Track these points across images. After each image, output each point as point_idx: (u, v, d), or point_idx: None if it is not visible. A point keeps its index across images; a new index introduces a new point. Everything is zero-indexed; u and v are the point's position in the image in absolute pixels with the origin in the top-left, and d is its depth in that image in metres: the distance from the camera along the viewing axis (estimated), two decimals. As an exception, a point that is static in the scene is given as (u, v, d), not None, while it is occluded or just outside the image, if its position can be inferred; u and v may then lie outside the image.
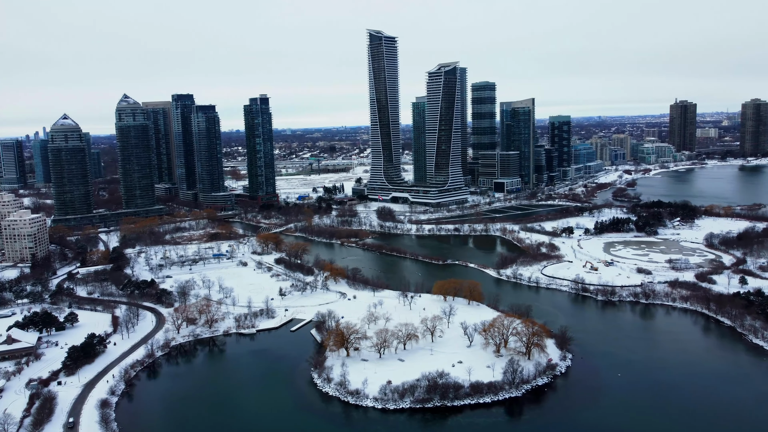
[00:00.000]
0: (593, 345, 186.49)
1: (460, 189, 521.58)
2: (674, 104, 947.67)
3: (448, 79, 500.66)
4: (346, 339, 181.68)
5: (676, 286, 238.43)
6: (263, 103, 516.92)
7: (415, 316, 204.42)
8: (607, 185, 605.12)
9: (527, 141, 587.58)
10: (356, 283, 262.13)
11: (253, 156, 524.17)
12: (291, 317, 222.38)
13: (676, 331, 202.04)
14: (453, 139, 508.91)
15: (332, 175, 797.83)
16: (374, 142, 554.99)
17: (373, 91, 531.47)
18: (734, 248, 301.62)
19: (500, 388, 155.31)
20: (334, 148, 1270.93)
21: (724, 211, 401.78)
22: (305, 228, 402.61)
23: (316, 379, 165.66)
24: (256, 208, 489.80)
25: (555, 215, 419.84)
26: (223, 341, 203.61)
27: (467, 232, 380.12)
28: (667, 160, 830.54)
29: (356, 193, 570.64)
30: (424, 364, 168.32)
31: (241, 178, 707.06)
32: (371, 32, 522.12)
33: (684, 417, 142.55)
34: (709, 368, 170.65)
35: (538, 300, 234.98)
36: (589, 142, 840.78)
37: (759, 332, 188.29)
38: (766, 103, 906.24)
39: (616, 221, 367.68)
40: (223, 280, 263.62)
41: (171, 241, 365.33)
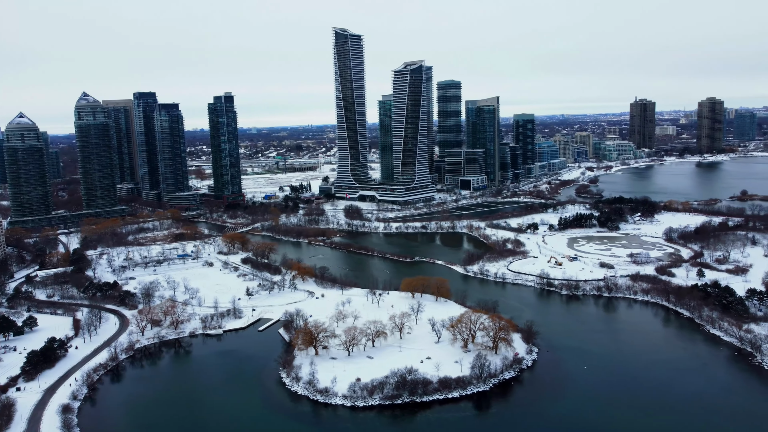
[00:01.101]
0: (558, 338, 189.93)
1: (427, 187, 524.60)
2: (634, 103, 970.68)
3: (414, 78, 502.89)
4: (314, 338, 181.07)
5: (638, 279, 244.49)
6: (228, 101, 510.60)
7: (384, 314, 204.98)
8: (571, 182, 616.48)
9: (492, 139, 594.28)
10: (324, 281, 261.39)
11: (218, 155, 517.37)
12: (258, 317, 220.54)
13: (637, 324, 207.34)
14: (419, 137, 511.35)
15: (299, 174, 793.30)
16: (341, 141, 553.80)
17: (339, 90, 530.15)
18: (692, 242, 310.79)
19: (468, 382, 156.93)
20: (301, 146, 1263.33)
21: (683, 206, 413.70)
22: (272, 227, 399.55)
23: (285, 379, 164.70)
24: (221, 207, 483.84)
25: (520, 212, 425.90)
26: (189, 343, 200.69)
27: (434, 229, 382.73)
28: (628, 157, 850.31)
29: (323, 191, 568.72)
30: (392, 360, 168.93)
31: (206, 177, 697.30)
32: (337, 30, 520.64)
33: (647, 406, 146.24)
34: (670, 358, 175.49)
35: (504, 295, 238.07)
36: (553, 140, 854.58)
37: (716, 323, 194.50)
38: (721, 101, 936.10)
39: (579, 217, 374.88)
40: (189, 281, 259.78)
41: (134, 242, 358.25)
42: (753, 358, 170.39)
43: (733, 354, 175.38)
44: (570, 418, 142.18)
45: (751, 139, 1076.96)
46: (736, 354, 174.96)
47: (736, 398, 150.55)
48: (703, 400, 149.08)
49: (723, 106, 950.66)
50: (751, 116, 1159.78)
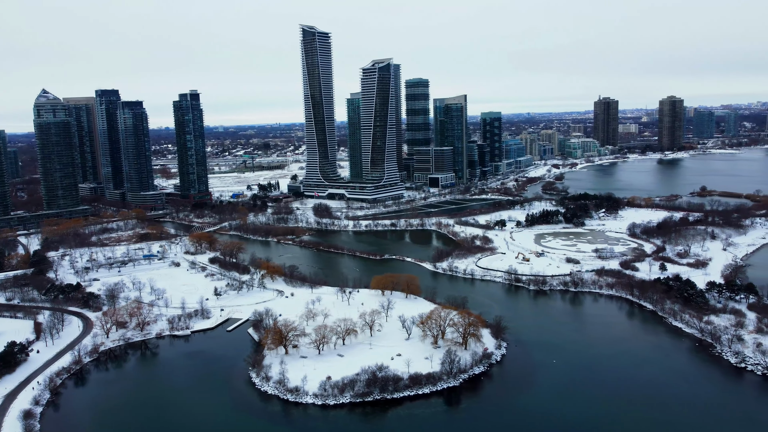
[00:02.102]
0: (527, 333, 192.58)
1: (396, 185, 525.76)
2: (598, 101, 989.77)
3: (382, 76, 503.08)
4: (284, 337, 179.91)
5: (603, 274, 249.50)
6: (194, 98, 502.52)
7: (354, 312, 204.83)
8: (537, 179, 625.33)
9: (460, 137, 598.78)
10: (294, 280, 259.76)
11: (183, 153, 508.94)
12: (227, 317, 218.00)
13: (603, 317, 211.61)
14: (388, 135, 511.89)
15: (267, 173, 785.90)
16: (309, 139, 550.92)
17: (307, 88, 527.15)
18: (654, 237, 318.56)
19: (438, 378, 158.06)
20: (269, 145, 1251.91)
21: (645, 202, 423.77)
22: (240, 226, 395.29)
23: (255, 379, 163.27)
24: (188, 207, 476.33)
25: (488, 209, 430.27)
26: (156, 344, 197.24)
27: (404, 227, 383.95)
28: (592, 155, 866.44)
29: (292, 190, 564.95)
30: (363, 358, 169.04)
31: (172, 176, 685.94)
32: (304, 28, 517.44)
33: (612, 397, 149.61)
34: (634, 350, 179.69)
35: (473, 291, 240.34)
36: (519, 137, 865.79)
37: (678, 315, 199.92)
38: (681, 100, 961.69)
39: (545, 214, 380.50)
40: (155, 282, 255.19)
41: (98, 243, 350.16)
42: (713, 348, 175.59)
43: (694, 345, 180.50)
44: (538, 411, 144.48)
45: (709, 136, 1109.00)
46: (697, 345, 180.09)
47: (697, 388, 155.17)
48: (666, 390, 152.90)
49: (683, 104, 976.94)
50: (709, 114, 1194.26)
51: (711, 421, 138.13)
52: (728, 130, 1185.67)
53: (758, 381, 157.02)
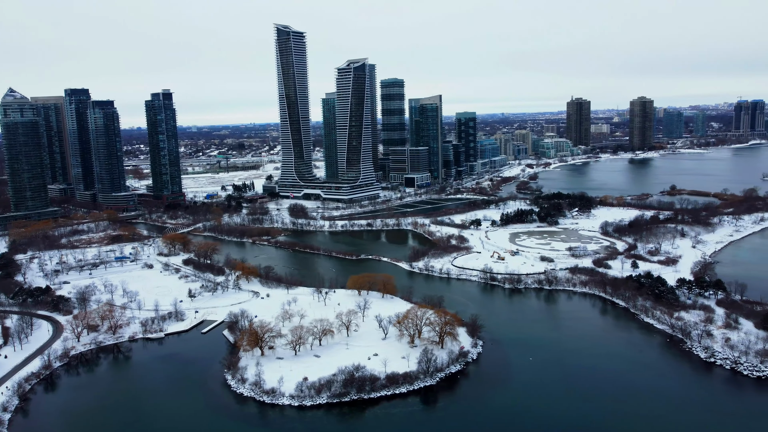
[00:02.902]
0: (502, 331, 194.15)
1: (372, 185, 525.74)
2: (570, 102, 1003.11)
3: (357, 76, 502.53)
4: (260, 338, 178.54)
5: (576, 272, 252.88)
6: (166, 98, 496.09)
7: (330, 312, 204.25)
8: (511, 179, 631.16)
9: (435, 137, 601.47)
10: (269, 281, 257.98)
11: (156, 154, 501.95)
12: (202, 319, 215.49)
13: (577, 314, 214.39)
14: (364, 135, 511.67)
15: (242, 173, 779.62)
16: (284, 139, 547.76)
17: (282, 87, 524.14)
18: (626, 235, 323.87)
19: (415, 377, 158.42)
20: (243, 145, 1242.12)
21: (617, 201, 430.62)
22: (214, 227, 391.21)
23: (230, 381, 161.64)
24: (161, 208, 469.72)
25: (463, 208, 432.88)
26: (129, 347, 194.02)
27: (380, 226, 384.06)
28: (566, 155, 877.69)
29: (267, 190, 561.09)
30: (340, 358, 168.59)
31: (145, 177, 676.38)
32: (279, 27, 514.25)
33: (586, 393, 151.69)
34: (608, 347, 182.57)
35: (449, 290, 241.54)
36: (494, 137, 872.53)
37: (649, 311, 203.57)
38: (651, 101, 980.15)
39: (520, 213, 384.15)
40: (127, 284, 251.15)
41: (68, 245, 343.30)
42: (683, 344, 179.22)
43: (665, 341, 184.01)
44: (514, 408, 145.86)
45: (678, 136, 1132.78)
46: (668, 341, 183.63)
47: (668, 382, 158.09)
48: (638, 385, 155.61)
49: (653, 105, 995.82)
50: (678, 115, 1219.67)
51: (681, 414, 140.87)
52: (697, 131, 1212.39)
53: (727, 375, 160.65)
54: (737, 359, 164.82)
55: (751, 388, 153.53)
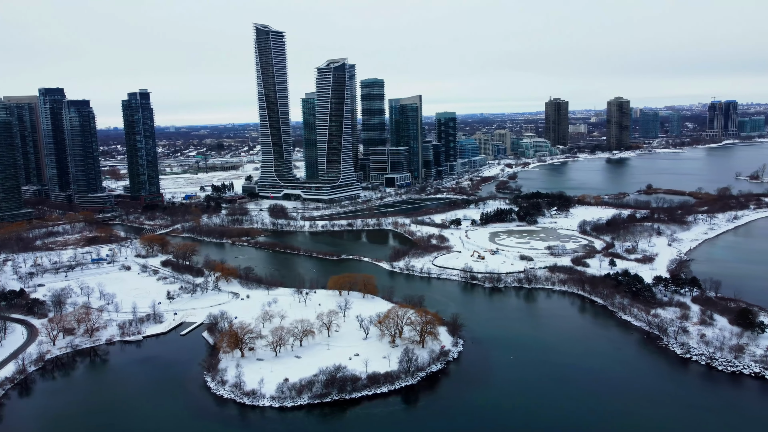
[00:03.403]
0: (483, 330, 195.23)
1: (352, 185, 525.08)
2: (549, 102, 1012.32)
3: (337, 75, 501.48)
4: (240, 339, 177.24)
5: (555, 270, 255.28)
6: (143, 98, 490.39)
7: (311, 312, 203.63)
8: (491, 178, 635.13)
9: (415, 137, 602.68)
10: (249, 282, 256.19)
11: (133, 154, 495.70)
12: (181, 321, 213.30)
13: (556, 313, 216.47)
14: (344, 135, 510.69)
15: (221, 173, 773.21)
16: (264, 139, 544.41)
17: (261, 87, 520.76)
18: (604, 233, 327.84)
19: (396, 377, 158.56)
20: (222, 145, 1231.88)
21: (595, 200, 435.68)
22: (193, 228, 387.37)
23: (210, 383, 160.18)
24: (138, 209, 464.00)
25: (444, 208, 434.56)
26: (106, 351, 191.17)
27: (360, 227, 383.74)
28: (544, 154, 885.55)
29: (247, 191, 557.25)
30: (321, 359, 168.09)
31: (122, 177, 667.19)
32: (258, 26, 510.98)
33: (567, 390, 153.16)
34: (586, 344, 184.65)
35: (430, 290, 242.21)
36: (474, 137, 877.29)
37: (627, 309, 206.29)
38: (628, 101, 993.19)
39: (499, 212, 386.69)
40: (104, 286, 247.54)
41: (43, 247, 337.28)
42: (660, 340, 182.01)
43: (642, 338, 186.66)
44: (495, 406, 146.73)
45: (654, 136, 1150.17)
46: (645, 338, 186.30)
47: (646, 378, 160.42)
48: (616, 381, 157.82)
49: (629, 105, 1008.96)
50: (654, 115, 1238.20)
51: (658, 409, 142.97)
52: (672, 130, 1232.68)
53: (702, 370, 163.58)
54: (712, 355, 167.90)
55: (725, 383, 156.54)
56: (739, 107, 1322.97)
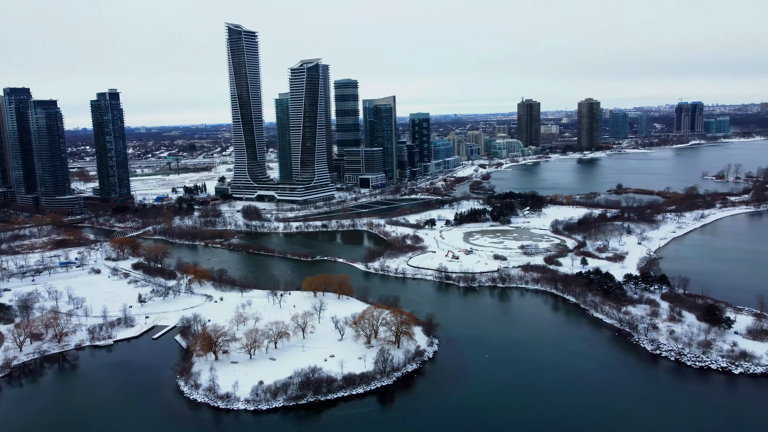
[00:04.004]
0: (458, 329, 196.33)
1: (327, 186, 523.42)
2: (521, 103, 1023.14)
3: (311, 76, 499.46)
4: (213, 342, 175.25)
5: (528, 269, 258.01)
6: (113, 98, 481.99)
7: (286, 314, 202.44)
8: (465, 179, 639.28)
9: (390, 138, 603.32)
10: (223, 284, 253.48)
11: (103, 155, 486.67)
12: (153, 324, 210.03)
13: (530, 311, 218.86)
14: (318, 136, 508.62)
15: (193, 175, 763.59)
16: (237, 140, 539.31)
17: (234, 87, 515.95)
18: (576, 233, 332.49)
19: (372, 377, 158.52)
20: (194, 146, 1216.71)
21: (566, 200, 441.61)
22: (165, 230, 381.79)
23: (183, 387, 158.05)
24: (108, 211, 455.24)
25: (418, 208, 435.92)
26: (76, 356, 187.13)
27: (335, 227, 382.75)
28: (517, 155, 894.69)
29: (219, 192, 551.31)
30: (296, 361, 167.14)
31: (91, 179, 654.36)
32: (230, 26, 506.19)
33: (540, 387, 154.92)
34: (560, 342, 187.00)
35: (405, 290, 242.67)
36: (447, 138, 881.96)
37: (598, 307, 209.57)
38: (598, 102, 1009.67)
39: (473, 212, 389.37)
40: (73, 290, 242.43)
41: (8, 251, 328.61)
42: (631, 337, 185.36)
43: (613, 335, 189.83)
44: (471, 405, 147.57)
45: (624, 137, 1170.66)
46: (616, 335, 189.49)
47: (617, 375, 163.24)
48: (589, 378, 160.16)
49: (600, 106, 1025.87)
50: (623, 116, 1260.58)
51: (630, 405, 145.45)
52: (641, 131, 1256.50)
53: (671, 366, 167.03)
54: (681, 351, 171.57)
55: (694, 378, 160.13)
56: (705, 108, 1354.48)
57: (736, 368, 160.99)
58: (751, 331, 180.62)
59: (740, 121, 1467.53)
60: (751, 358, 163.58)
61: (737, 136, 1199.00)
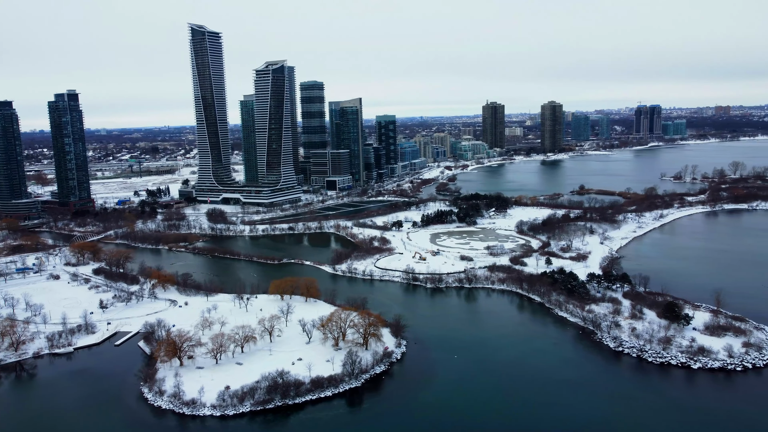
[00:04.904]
0: (425, 330, 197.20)
1: (293, 188, 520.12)
2: (486, 105, 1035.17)
3: (276, 78, 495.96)
4: (178, 348, 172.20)
5: (494, 269, 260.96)
6: (72, 99, 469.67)
7: (253, 318, 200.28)
8: (431, 180, 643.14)
9: (356, 140, 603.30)
10: (187, 288, 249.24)
11: (62, 158, 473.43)
12: (115, 331, 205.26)
13: (496, 311, 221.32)
14: (284, 138, 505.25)
15: (156, 177, 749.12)
16: (201, 142, 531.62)
17: (197, 89, 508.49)
18: (540, 233, 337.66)
19: (340, 380, 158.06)
20: (157, 148, 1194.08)
21: (531, 200, 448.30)
22: (127, 234, 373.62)
23: (147, 394, 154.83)
24: (68, 215, 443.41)
25: (385, 210, 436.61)
26: (34, 364, 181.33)
27: (302, 230, 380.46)
28: (482, 157, 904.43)
29: (184, 195, 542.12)
30: (263, 365, 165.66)
31: (49, 182, 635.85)
32: (193, 26, 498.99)
33: (507, 385, 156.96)
34: (526, 340, 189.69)
35: (372, 292, 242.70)
36: (414, 140, 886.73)
37: (563, 305, 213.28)
38: (560, 105, 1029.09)
39: (440, 214, 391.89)
40: (31, 297, 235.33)
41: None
42: (594, 335, 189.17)
43: (578, 333, 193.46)
44: (438, 405, 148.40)
45: (585, 139, 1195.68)
46: (580, 333, 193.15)
47: (582, 372, 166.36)
48: (555, 376, 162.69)
49: (562, 109, 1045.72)
50: (585, 119, 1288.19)
51: (593, 401, 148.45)
52: (602, 133, 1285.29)
53: (633, 362, 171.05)
54: (642, 347, 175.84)
55: (655, 374, 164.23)
56: (663, 112, 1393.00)
57: (695, 363, 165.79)
58: (708, 327, 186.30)
59: (696, 124, 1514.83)
60: (708, 353, 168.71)
61: (693, 138, 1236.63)
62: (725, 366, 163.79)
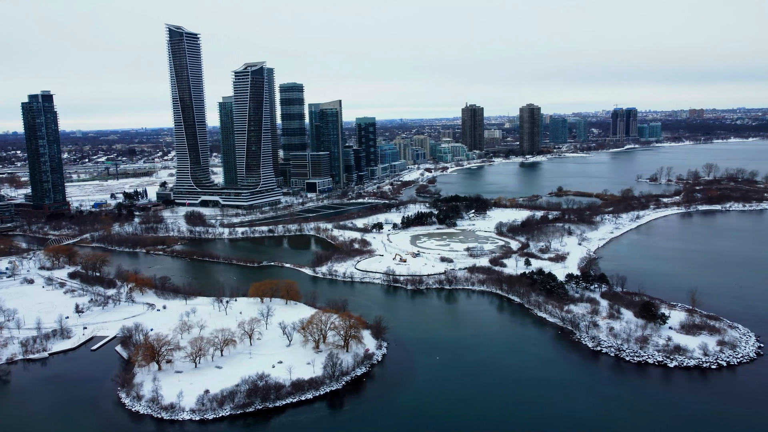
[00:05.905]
0: (406, 331, 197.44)
1: (273, 190, 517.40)
2: (465, 108, 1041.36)
3: (255, 79, 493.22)
4: (156, 352, 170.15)
5: (474, 271, 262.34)
6: (46, 100, 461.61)
7: (232, 321, 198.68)
8: (411, 183, 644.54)
9: (336, 142, 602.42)
10: (166, 292, 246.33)
11: (36, 160, 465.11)
12: (91, 335, 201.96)
13: (476, 312, 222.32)
14: (263, 140, 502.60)
15: (133, 180, 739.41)
16: (179, 144, 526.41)
17: (175, 90, 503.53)
18: (519, 234, 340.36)
19: (321, 382, 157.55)
20: (134, 150, 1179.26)
21: (510, 202, 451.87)
22: (104, 237, 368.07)
23: (125, 399, 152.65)
24: (42, 218, 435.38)
25: (365, 212, 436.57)
26: (7, 370, 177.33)
27: (282, 232, 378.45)
28: (462, 159, 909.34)
29: (161, 198, 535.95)
30: (243, 368, 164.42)
31: (23, 185, 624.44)
32: (171, 27, 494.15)
33: (487, 385, 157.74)
34: (505, 341, 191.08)
35: (353, 294, 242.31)
36: (394, 142, 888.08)
37: (542, 306, 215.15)
38: (539, 108, 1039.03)
39: (420, 215, 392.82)
40: (4, 302, 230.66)
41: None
42: (573, 335, 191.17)
43: (557, 333, 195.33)
44: (419, 406, 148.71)
45: (563, 141, 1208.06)
46: (559, 333, 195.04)
47: (561, 372, 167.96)
48: (534, 376, 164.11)
49: (540, 112, 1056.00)
50: (563, 121, 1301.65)
51: (572, 400, 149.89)
52: (579, 136, 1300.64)
53: (611, 361, 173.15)
54: (620, 347, 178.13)
55: (632, 372, 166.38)
56: (639, 114, 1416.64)
57: (671, 362, 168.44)
58: (684, 326, 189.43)
59: (671, 127, 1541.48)
60: (684, 351, 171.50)
61: (668, 140, 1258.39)
62: (701, 364, 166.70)
